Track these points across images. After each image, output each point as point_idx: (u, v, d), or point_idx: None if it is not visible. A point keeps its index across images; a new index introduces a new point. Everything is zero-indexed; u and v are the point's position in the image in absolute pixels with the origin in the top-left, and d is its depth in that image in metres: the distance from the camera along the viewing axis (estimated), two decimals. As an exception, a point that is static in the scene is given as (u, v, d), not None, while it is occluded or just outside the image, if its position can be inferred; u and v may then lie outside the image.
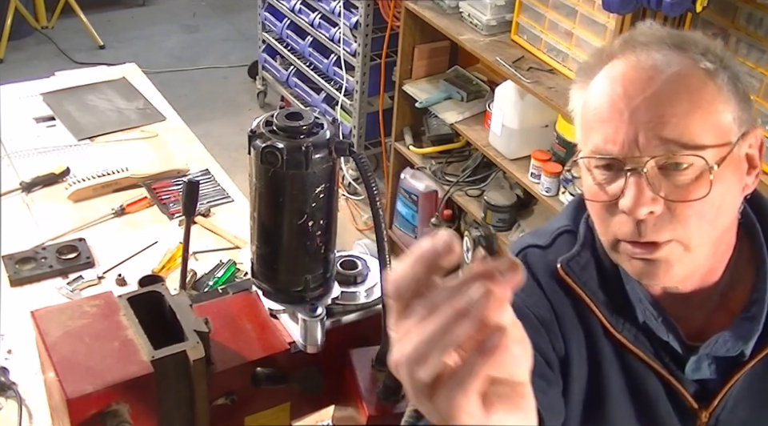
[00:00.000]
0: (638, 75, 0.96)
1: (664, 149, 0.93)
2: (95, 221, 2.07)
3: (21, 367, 1.63)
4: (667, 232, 0.95)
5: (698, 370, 1.07)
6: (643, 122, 0.93)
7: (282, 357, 1.13)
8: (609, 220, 0.99)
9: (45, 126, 2.41)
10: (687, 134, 0.93)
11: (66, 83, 2.60)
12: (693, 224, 0.95)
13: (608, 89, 0.97)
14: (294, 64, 4.13)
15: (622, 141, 0.94)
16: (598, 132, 0.97)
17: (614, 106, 0.96)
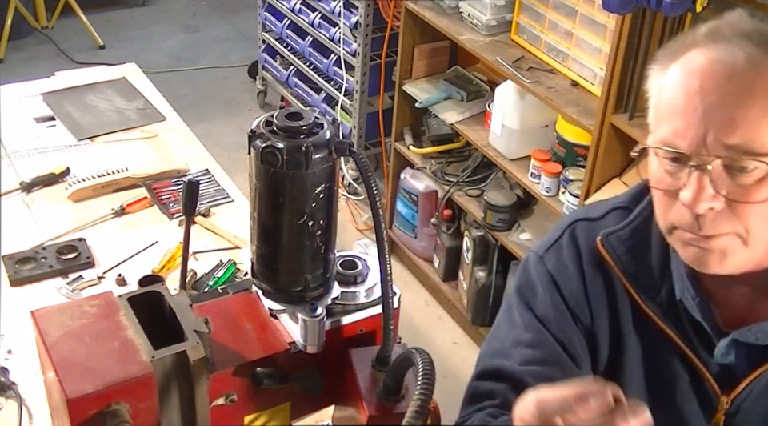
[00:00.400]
0: (716, 71, 0.95)
1: (730, 151, 0.93)
2: (95, 221, 2.07)
3: (21, 367, 1.63)
4: (726, 227, 0.96)
5: (727, 355, 1.07)
6: (714, 122, 0.94)
7: (281, 357, 1.13)
8: (669, 207, 1.01)
9: (45, 126, 2.41)
10: (756, 139, 0.93)
11: (66, 83, 2.61)
12: (753, 223, 0.96)
13: (684, 81, 0.97)
14: (294, 64, 4.13)
15: (691, 137, 0.95)
16: (669, 123, 0.97)
17: (687, 101, 0.96)
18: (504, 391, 1.14)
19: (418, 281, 3.57)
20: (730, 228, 0.97)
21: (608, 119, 2.41)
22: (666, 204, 1.01)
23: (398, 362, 1.08)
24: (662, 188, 1.01)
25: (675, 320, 1.09)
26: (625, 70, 2.33)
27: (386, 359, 1.12)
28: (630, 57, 2.31)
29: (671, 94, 0.98)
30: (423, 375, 0.98)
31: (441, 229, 3.31)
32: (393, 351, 1.12)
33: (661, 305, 1.10)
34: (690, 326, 1.09)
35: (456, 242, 3.28)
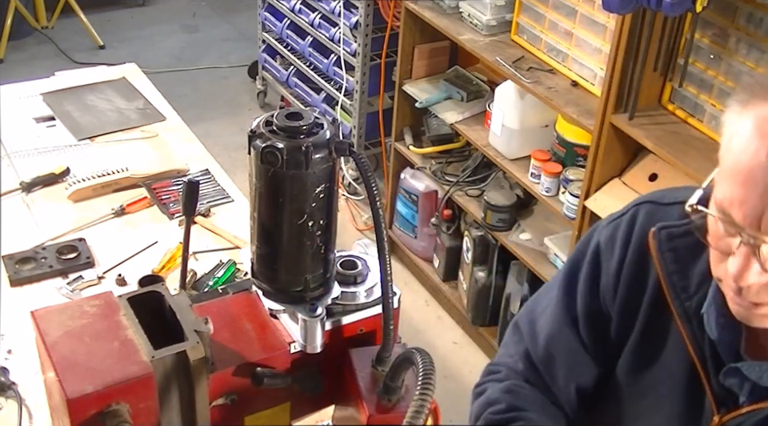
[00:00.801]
0: None
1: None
2: (95, 221, 2.07)
3: (21, 367, 1.63)
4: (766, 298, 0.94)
5: (728, 378, 1.06)
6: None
7: (281, 357, 1.13)
8: (717, 260, 0.98)
9: (45, 126, 2.41)
10: None
11: (66, 83, 2.61)
12: None
13: (754, 147, 0.89)
14: (294, 64, 4.13)
15: (746, 213, 0.90)
16: (728, 188, 0.92)
17: (751, 173, 0.89)
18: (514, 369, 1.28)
19: (417, 281, 3.57)
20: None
21: (608, 119, 2.41)
22: (715, 255, 0.99)
23: (398, 362, 1.08)
24: (712, 244, 0.97)
25: (695, 330, 1.08)
26: (625, 70, 2.33)
27: (386, 359, 1.12)
28: (629, 57, 2.31)
29: (738, 155, 0.91)
30: (423, 375, 0.98)
31: (441, 229, 3.32)
32: (393, 351, 1.12)
33: (687, 311, 1.08)
34: (708, 341, 1.07)
35: (456, 242, 3.28)
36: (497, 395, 1.26)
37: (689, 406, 1.12)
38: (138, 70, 2.75)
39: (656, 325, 1.13)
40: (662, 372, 1.14)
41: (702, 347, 1.08)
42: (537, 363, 1.27)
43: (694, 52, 2.31)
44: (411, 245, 3.55)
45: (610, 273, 1.17)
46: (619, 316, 1.18)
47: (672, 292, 1.09)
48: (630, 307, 1.16)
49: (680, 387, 1.12)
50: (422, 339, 3.25)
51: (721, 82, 2.29)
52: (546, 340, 1.26)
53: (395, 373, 1.09)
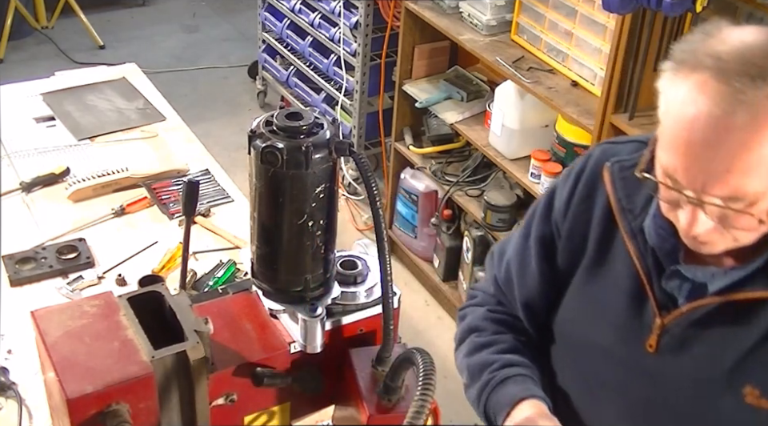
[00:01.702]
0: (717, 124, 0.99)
1: (722, 198, 1.02)
2: (95, 221, 2.07)
3: (21, 367, 1.63)
4: (717, 239, 1.08)
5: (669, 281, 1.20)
6: (711, 170, 1.01)
7: (281, 357, 1.13)
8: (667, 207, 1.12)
9: (45, 126, 2.41)
10: (749, 187, 1.01)
11: (66, 83, 2.61)
12: (744, 237, 1.08)
13: (688, 121, 1.01)
14: (294, 64, 4.13)
15: (689, 181, 1.03)
16: (672, 157, 1.04)
17: (689, 147, 1.02)
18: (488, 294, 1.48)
19: (418, 281, 3.57)
20: (721, 240, 1.09)
21: (608, 119, 2.41)
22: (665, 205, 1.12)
23: (399, 362, 1.08)
24: (662, 198, 1.11)
25: (639, 245, 1.21)
26: (625, 70, 2.33)
27: (386, 359, 1.12)
28: (630, 57, 2.31)
29: (675, 127, 1.03)
30: (424, 375, 0.98)
31: (441, 229, 3.32)
32: (393, 351, 1.12)
33: (633, 229, 1.22)
34: (651, 252, 1.20)
35: (456, 242, 3.28)
36: (478, 322, 1.44)
37: (634, 312, 1.24)
38: (138, 70, 2.75)
39: (605, 244, 1.27)
40: (611, 285, 1.26)
41: (645, 258, 1.21)
42: (501, 285, 1.45)
43: (694, 52, 2.30)
44: (411, 245, 3.55)
45: (562, 200, 1.33)
46: (569, 238, 1.32)
47: (621, 214, 1.23)
48: (578, 230, 1.30)
49: (625, 296, 1.24)
50: (421, 339, 3.25)
51: (721, 82, 2.29)
52: (506, 264, 1.43)
53: (395, 373, 1.09)
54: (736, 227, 1.06)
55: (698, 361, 1.19)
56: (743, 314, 1.15)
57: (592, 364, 1.30)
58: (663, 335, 1.21)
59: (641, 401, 1.25)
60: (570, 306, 1.33)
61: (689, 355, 1.20)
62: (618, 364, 1.26)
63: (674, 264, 1.19)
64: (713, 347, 1.18)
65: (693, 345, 1.19)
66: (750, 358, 1.15)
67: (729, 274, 1.15)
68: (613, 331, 1.26)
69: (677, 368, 1.21)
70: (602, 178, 1.26)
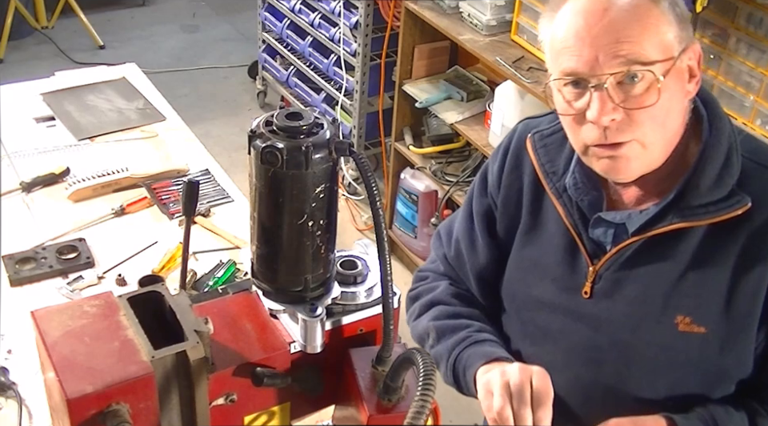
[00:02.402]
0: (596, 8, 1.14)
1: (620, 66, 1.13)
2: (95, 221, 2.07)
3: (21, 367, 1.64)
4: (628, 134, 1.16)
5: (595, 229, 1.30)
6: (602, 45, 1.13)
7: (281, 357, 1.13)
8: (578, 130, 1.20)
9: (45, 126, 2.41)
10: (639, 52, 1.13)
11: (66, 83, 2.61)
12: (648, 126, 1.16)
13: (572, 21, 1.16)
14: (294, 64, 4.13)
15: (585, 62, 1.14)
16: (565, 57, 1.16)
17: (577, 35, 1.15)
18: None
19: (418, 281, 3.57)
20: (630, 135, 1.16)
21: (608, 119, 2.41)
22: (575, 129, 1.21)
23: (399, 362, 1.08)
24: (570, 114, 1.20)
25: (566, 202, 1.32)
26: (625, 70, 2.33)
27: (386, 359, 1.12)
28: (630, 57, 2.31)
29: (562, 34, 1.17)
30: (424, 375, 0.98)
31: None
32: (393, 351, 1.12)
33: (558, 189, 1.32)
34: (576, 207, 1.31)
35: (456, 242, 3.28)
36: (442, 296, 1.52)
37: (569, 264, 1.33)
38: (138, 70, 2.75)
39: (536, 208, 1.38)
40: (546, 244, 1.36)
41: (572, 213, 1.31)
42: (451, 263, 1.55)
43: (693, 52, 2.31)
44: (411, 245, 3.55)
45: (494, 175, 1.44)
46: (504, 207, 1.42)
47: (546, 177, 1.34)
48: (511, 199, 1.41)
49: (560, 251, 1.34)
50: (422, 339, 3.25)
51: (721, 82, 2.29)
52: (455, 242, 1.53)
53: (395, 373, 1.09)
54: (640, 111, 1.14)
55: (629, 300, 1.28)
56: (665, 248, 1.25)
57: (536, 319, 1.39)
58: (596, 281, 1.30)
59: (582, 345, 1.33)
60: (512, 269, 1.43)
61: (621, 296, 1.29)
62: (558, 314, 1.36)
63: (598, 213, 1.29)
64: (642, 284, 1.27)
65: (624, 286, 1.28)
66: (677, 288, 1.24)
67: (644, 212, 1.25)
68: (552, 285, 1.36)
69: (611, 310, 1.29)
70: (526, 149, 1.38)
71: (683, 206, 1.22)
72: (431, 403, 0.96)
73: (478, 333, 1.42)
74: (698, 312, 1.24)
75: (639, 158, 1.19)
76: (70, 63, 4.80)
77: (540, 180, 1.35)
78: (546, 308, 1.37)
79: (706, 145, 1.22)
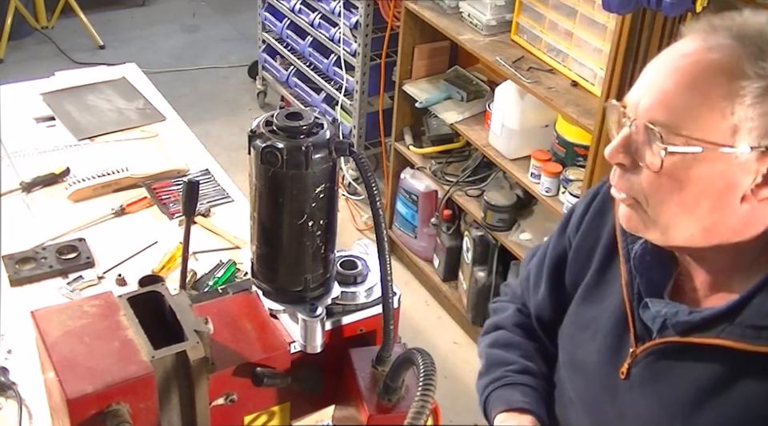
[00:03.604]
0: (675, 56, 1.05)
1: (650, 119, 1.04)
2: (95, 221, 2.07)
3: (21, 367, 1.64)
4: (623, 186, 1.10)
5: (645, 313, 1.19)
6: (650, 92, 1.05)
7: (281, 357, 1.13)
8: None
9: (45, 126, 2.41)
10: (672, 118, 1.02)
11: (66, 83, 2.61)
12: (650, 193, 1.07)
13: (660, 55, 1.08)
14: (294, 64, 4.13)
15: (632, 100, 1.08)
16: (632, 88, 1.10)
17: (645, 73, 1.08)
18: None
19: (417, 281, 3.57)
20: (626, 189, 1.09)
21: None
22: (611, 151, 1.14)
23: (399, 362, 1.08)
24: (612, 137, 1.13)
25: (631, 269, 1.21)
26: (625, 70, 2.33)
27: (386, 359, 1.12)
28: (629, 57, 2.31)
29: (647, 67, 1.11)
30: (424, 375, 0.98)
31: (441, 229, 3.32)
32: (393, 351, 1.12)
33: (629, 253, 1.22)
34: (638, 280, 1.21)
35: (456, 242, 3.28)
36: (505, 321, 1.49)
37: (617, 338, 1.24)
38: (138, 70, 2.75)
39: (607, 264, 1.29)
40: (603, 308, 1.27)
41: (632, 285, 1.21)
42: (523, 290, 1.50)
43: (694, 52, 2.31)
44: (411, 245, 3.55)
45: (577, 216, 1.36)
46: (576, 253, 1.34)
47: (621, 236, 1.23)
48: (587, 245, 1.32)
49: (612, 322, 1.25)
50: (421, 339, 3.25)
51: (721, 82, 2.29)
52: (527, 272, 1.48)
53: (395, 373, 1.09)
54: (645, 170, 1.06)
55: (659, 395, 1.18)
56: (708, 356, 1.12)
57: (574, 381, 1.33)
58: (634, 364, 1.21)
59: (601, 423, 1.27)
60: (568, 321, 1.35)
61: (652, 388, 1.19)
62: (594, 385, 1.28)
63: (655, 296, 1.18)
64: (673, 383, 1.17)
65: (657, 379, 1.19)
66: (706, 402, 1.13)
67: (691, 315, 1.13)
68: (597, 354, 1.27)
69: (641, 399, 1.21)
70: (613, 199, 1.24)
71: (737, 321, 1.08)
72: (431, 403, 0.96)
73: (517, 375, 1.37)
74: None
75: (648, 226, 1.10)
76: (70, 63, 4.80)
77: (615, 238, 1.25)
78: (585, 374, 1.30)
79: None
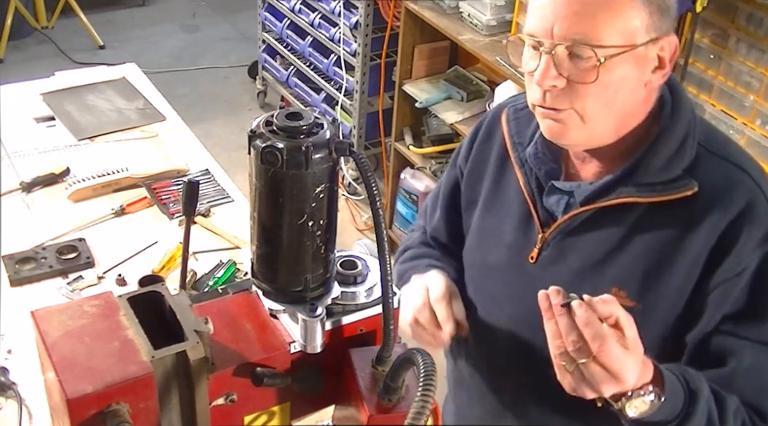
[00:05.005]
0: None
1: (570, 40, 1.16)
2: (95, 221, 2.07)
3: (21, 367, 1.64)
4: (566, 102, 1.21)
5: (549, 198, 1.34)
6: (562, 15, 1.17)
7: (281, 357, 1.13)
8: (529, 87, 1.26)
9: (45, 126, 2.41)
10: (592, 33, 1.16)
11: (66, 83, 2.61)
12: (588, 101, 1.20)
13: None
14: (294, 64, 4.13)
15: (543, 27, 1.18)
16: (531, 17, 1.21)
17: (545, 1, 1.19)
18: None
19: (418, 281, 3.57)
20: (568, 104, 1.20)
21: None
22: (528, 86, 1.26)
23: (399, 362, 1.08)
24: (525, 71, 1.24)
25: (527, 172, 1.37)
26: (625, 70, 2.33)
27: (386, 359, 1.12)
28: (630, 57, 2.31)
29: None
30: (425, 375, 0.98)
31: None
32: (393, 351, 1.12)
33: (521, 159, 1.38)
34: (535, 177, 1.36)
35: (456, 242, 3.28)
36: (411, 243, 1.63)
37: (522, 231, 1.38)
38: (138, 70, 2.75)
39: (500, 177, 1.43)
40: (504, 213, 1.42)
41: (530, 182, 1.36)
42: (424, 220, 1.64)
43: (693, 52, 2.31)
44: (411, 245, 3.54)
45: (465, 146, 1.51)
46: (469, 178, 1.48)
47: (512, 146, 1.40)
48: (477, 169, 1.47)
49: (515, 219, 1.39)
50: (422, 339, 3.25)
51: (721, 82, 2.29)
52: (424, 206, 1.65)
53: (396, 373, 1.09)
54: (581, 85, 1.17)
55: (570, 268, 1.32)
56: (609, 221, 1.28)
57: (488, 286, 1.45)
58: (544, 248, 1.35)
59: (524, 310, 1.33)
60: (471, 238, 1.49)
61: (564, 264, 1.33)
62: (506, 278, 1.41)
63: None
64: (583, 254, 1.31)
65: (567, 255, 1.33)
66: (614, 260, 1.28)
67: (593, 184, 1.29)
68: (505, 251, 1.41)
69: (553, 277, 1.30)
70: (500, 122, 1.43)
71: (632, 182, 1.26)
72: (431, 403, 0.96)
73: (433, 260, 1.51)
74: (630, 286, 1.27)
75: (578, 128, 1.23)
76: (70, 63, 4.80)
77: (507, 150, 1.41)
78: (497, 273, 1.42)
79: (663, 128, 1.26)
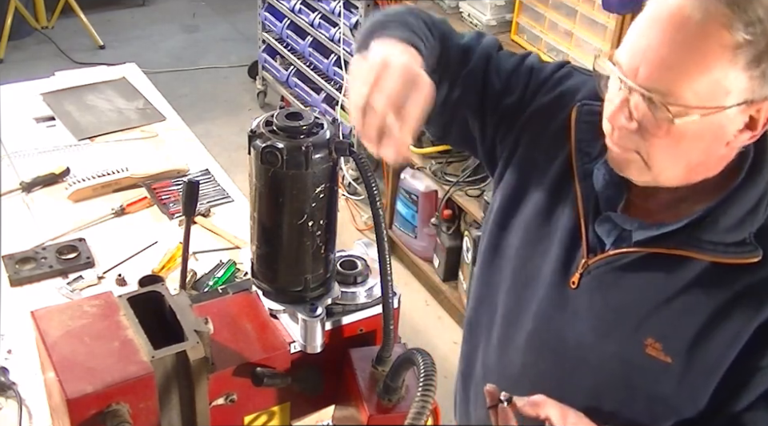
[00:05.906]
0: (672, 20, 1.07)
1: (651, 89, 1.08)
2: (95, 221, 2.07)
3: (21, 367, 1.64)
4: (632, 144, 1.14)
5: (601, 226, 1.26)
6: (647, 59, 1.08)
7: (281, 357, 1.13)
8: (606, 109, 1.17)
9: (45, 126, 2.41)
10: (673, 86, 1.06)
11: (66, 83, 2.61)
12: (655, 151, 1.12)
13: (649, 17, 1.10)
14: (294, 64, 4.13)
15: (629, 66, 1.10)
16: (626, 44, 1.13)
17: (640, 35, 1.10)
18: None
19: (417, 281, 3.57)
20: (634, 146, 1.13)
21: (608, 119, 2.41)
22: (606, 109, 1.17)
23: (399, 362, 1.08)
24: (607, 98, 1.17)
25: (588, 188, 1.27)
26: (625, 70, 2.33)
27: (386, 359, 1.12)
28: (630, 57, 2.31)
29: (637, 24, 1.12)
30: (425, 375, 0.98)
31: (441, 229, 3.31)
32: (393, 351, 1.12)
33: (585, 171, 1.28)
34: (594, 198, 1.27)
35: (456, 242, 3.28)
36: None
37: (567, 252, 1.29)
38: (138, 70, 2.75)
39: (560, 185, 1.32)
40: (556, 224, 1.32)
41: (588, 202, 1.27)
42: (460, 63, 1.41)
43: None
44: (411, 245, 3.55)
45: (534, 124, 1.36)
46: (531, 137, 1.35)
47: (577, 155, 1.29)
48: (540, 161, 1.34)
49: (564, 235, 1.30)
50: (422, 339, 3.25)
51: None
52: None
53: (396, 373, 1.09)
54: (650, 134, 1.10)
55: (609, 303, 1.25)
56: (663, 268, 1.21)
57: (523, 289, 1.36)
58: (585, 274, 1.27)
59: (550, 332, 1.31)
60: (518, 235, 1.38)
61: (602, 296, 1.26)
62: (542, 294, 1.33)
63: (611, 211, 1.26)
64: (626, 294, 1.24)
65: (609, 288, 1.25)
66: (658, 312, 1.21)
67: (654, 227, 1.20)
68: (548, 266, 1.32)
69: (589, 306, 1.27)
70: (569, 117, 1.31)
71: (695, 236, 1.18)
72: (431, 403, 0.96)
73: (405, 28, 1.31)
74: (669, 342, 1.20)
75: (642, 172, 1.16)
76: (70, 63, 4.80)
77: (571, 158, 1.30)
78: (534, 284, 1.34)
79: (739, 187, 1.17)
